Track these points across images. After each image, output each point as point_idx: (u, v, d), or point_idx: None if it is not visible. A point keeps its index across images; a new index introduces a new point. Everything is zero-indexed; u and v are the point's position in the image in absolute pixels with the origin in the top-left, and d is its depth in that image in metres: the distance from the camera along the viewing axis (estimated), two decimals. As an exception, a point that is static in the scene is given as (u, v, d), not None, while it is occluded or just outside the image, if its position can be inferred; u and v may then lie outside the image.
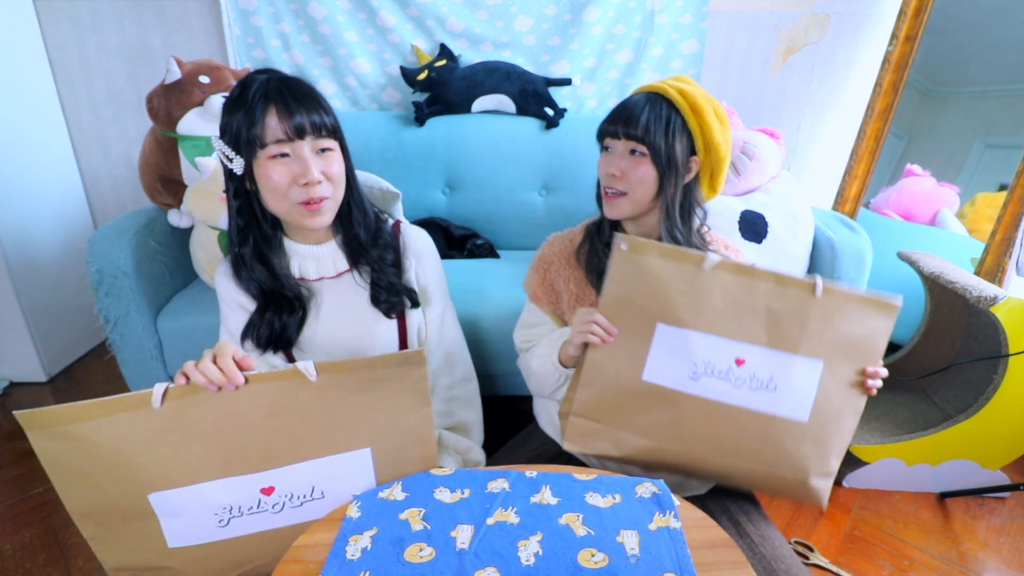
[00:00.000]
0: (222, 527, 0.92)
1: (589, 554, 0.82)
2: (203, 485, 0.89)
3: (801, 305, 0.99)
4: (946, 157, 2.42)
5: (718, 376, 1.01)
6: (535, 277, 1.30)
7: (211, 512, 0.91)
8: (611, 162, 1.15)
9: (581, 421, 1.08)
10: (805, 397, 1.02)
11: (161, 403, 0.85)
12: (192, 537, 0.92)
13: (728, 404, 1.02)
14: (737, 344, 1.00)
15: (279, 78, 1.03)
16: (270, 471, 0.91)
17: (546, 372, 1.22)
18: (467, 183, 2.33)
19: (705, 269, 0.99)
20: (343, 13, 2.35)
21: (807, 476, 1.05)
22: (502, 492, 0.94)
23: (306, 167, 1.01)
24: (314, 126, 1.01)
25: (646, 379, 1.03)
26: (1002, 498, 1.86)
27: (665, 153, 1.11)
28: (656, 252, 1.00)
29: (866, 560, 1.62)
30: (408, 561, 0.81)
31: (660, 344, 1.01)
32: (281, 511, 0.94)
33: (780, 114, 2.60)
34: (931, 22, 2.21)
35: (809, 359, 1.00)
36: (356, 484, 0.97)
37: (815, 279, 0.99)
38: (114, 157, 2.63)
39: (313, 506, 0.95)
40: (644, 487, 0.96)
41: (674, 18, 2.40)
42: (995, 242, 1.94)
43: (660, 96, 1.13)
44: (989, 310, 1.64)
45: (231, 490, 0.91)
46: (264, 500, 0.92)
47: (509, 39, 2.41)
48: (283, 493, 0.93)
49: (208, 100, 1.93)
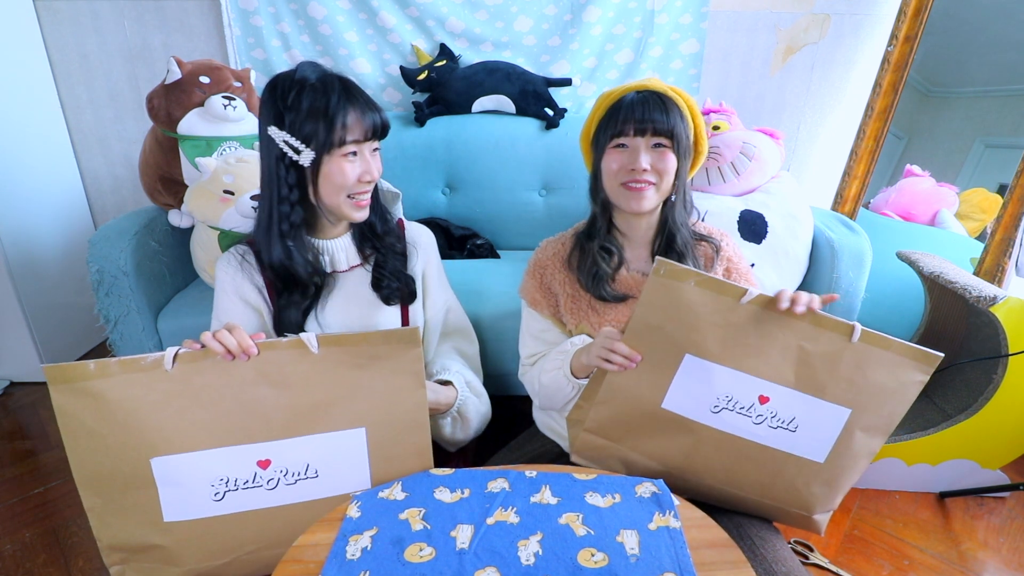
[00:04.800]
0: (217, 501, 0.94)
1: (589, 554, 0.82)
2: (204, 452, 0.92)
3: (835, 349, 0.95)
4: (946, 157, 2.42)
5: (738, 411, 0.99)
6: (531, 282, 1.31)
7: (208, 483, 0.93)
8: (635, 158, 1.14)
9: (592, 437, 1.07)
10: (825, 440, 1.00)
11: (172, 365, 0.89)
12: (188, 511, 0.94)
13: (745, 439, 1.00)
14: (763, 383, 0.98)
15: (342, 78, 1.09)
16: (268, 443, 0.94)
17: (558, 386, 1.21)
18: (467, 183, 2.33)
19: (742, 303, 0.95)
20: (343, 13, 2.35)
21: (811, 512, 1.06)
22: (502, 492, 0.95)
23: (369, 167, 1.11)
24: (382, 128, 1.10)
25: (665, 407, 1.01)
26: (1002, 498, 1.86)
27: (685, 142, 1.17)
28: (694, 280, 0.95)
29: (866, 560, 1.62)
30: (408, 561, 0.81)
31: (685, 374, 0.99)
32: (275, 488, 0.95)
33: (780, 114, 2.60)
34: (931, 22, 2.21)
35: (835, 406, 0.98)
36: (349, 466, 0.98)
37: (854, 324, 0.95)
38: (114, 157, 2.63)
39: (307, 486, 0.96)
40: (644, 487, 0.96)
41: (674, 18, 2.40)
42: (995, 242, 1.94)
43: (656, 94, 1.17)
44: (989, 310, 1.65)
45: (229, 460, 0.93)
46: (260, 474, 0.94)
47: (509, 39, 2.41)
48: (278, 468, 0.95)
49: (208, 100, 1.93)
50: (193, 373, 0.90)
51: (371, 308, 1.24)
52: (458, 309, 1.42)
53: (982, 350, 1.88)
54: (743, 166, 1.94)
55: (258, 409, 0.93)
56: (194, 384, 0.90)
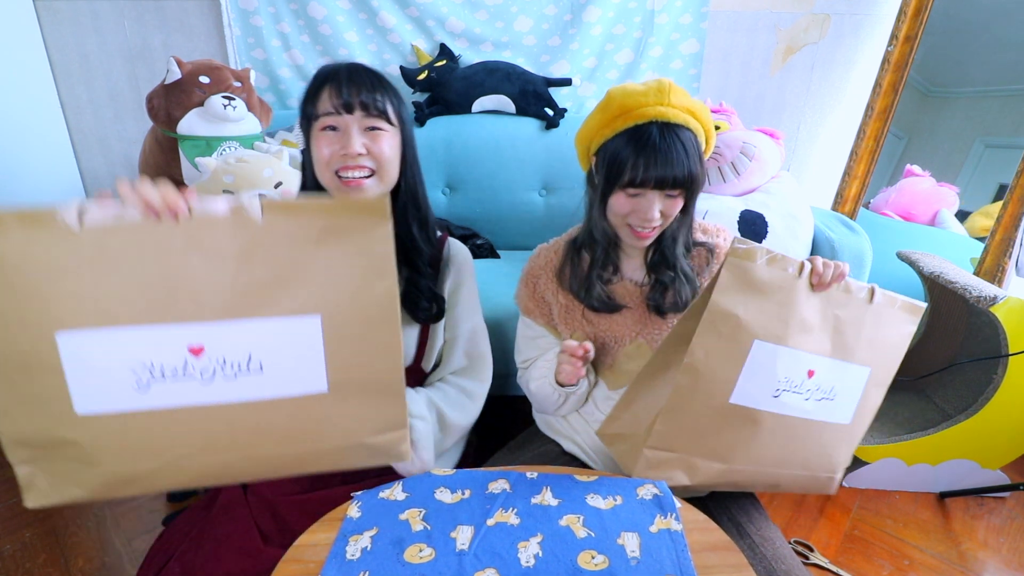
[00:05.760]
0: (141, 392, 0.80)
1: (589, 556, 0.82)
2: (121, 329, 0.77)
3: (860, 312, 0.98)
4: (946, 157, 2.43)
5: (794, 391, 0.97)
6: (525, 291, 1.30)
7: (128, 368, 0.79)
8: (650, 209, 1.08)
9: (655, 453, 1.00)
10: (852, 401, 1.02)
11: (80, 225, 0.73)
12: (104, 402, 0.80)
13: (800, 418, 0.99)
14: (811, 356, 0.97)
15: (349, 65, 1.08)
16: (200, 323, 0.79)
17: (545, 394, 1.22)
18: (467, 183, 2.33)
19: (803, 276, 0.93)
20: (343, 13, 2.35)
21: (836, 472, 1.07)
22: (502, 493, 0.95)
23: (348, 139, 1.05)
24: (363, 104, 1.05)
25: (734, 401, 0.96)
26: (1002, 498, 1.87)
27: (699, 182, 1.10)
28: (765, 259, 0.91)
29: (866, 560, 1.62)
30: (408, 562, 0.81)
31: (753, 363, 0.94)
32: (212, 380, 0.81)
33: (780, 114, 2.60)
34: (931, 22, 2.21)
35: (860, 367, 1.00)
36: (300, 362, 0.84)
37: (874, 286, 0.98)
38: (114, 157, 2.63)
39: (249, 382, 0.83)
40: (645, 489, 0.96)
41: (674, 18, 2.40)
42: (995, 242, 1.95)
43: (679, 132, 1.07)
44: (989, 310, 1.65)
45: (153, 342, 0.79)
46: (192, 362, 0.80)
47: (509, 39, 2.41)
48: (214, 357, 0.81)
49: (208, 100, 1.93)
50: (107, 234, 0.74)
51: None
52: (477, 339, 1.30)
53: (982, 350, 1.88)
54: (743, 166, 1.94)
55: (188, 283, 0.77)
56: (109, 248, 0.74)
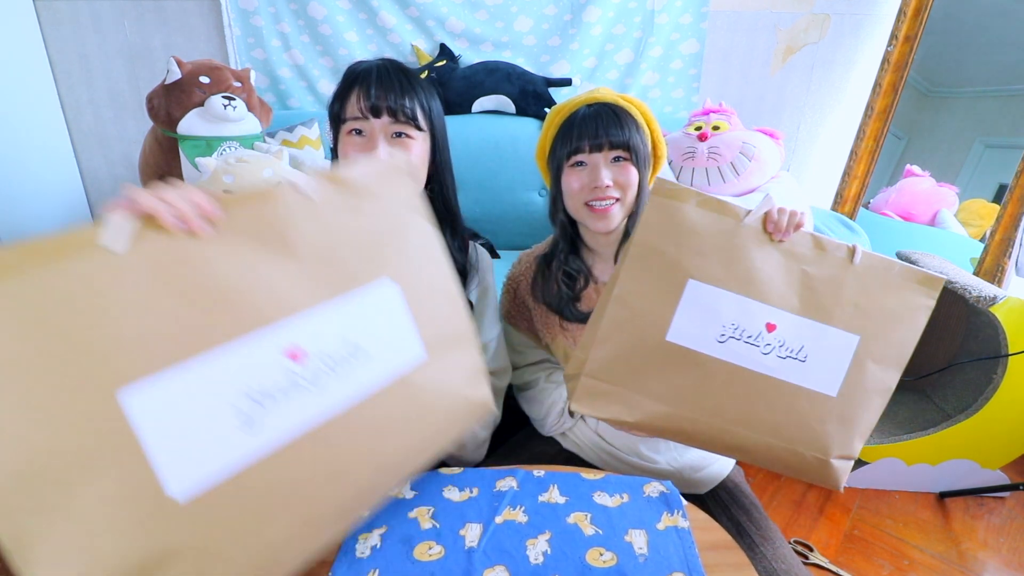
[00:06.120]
0: (249, 430, 0.61)
1: (597, 553, 0.82)
2: (203, 357, 0.59)
3: (837, 272, 0.93)
4: (945, 157, 2.44)
5: (747, 341, 0.93)
6: (506, 297, 1.30)
7: (226, 404, 0.60)
8: (596, 175, 1.11)
9: (593, 382, 0.98)
10: (836, 371, 0.95)
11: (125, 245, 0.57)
12: (207, 467, 0.58)
13: (754, 371, 0.94)
14: (769, 308, 0.93)
15: (380, 65, 1.07)
16: (285, 320, 0.65)
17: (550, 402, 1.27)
18: (467, 183, 2.32)
19: (745, 224, 0.92)
20: (343, 13, 2.35)
21: (828, 455, 0.99)
22: (510, 491, 0.94)
23: (373, 144, 1.05)
24: (391, 109, 1.04)
25: (670, 339, 0.93)
26: (1001, 498, 1.87)
27: (643, 152, 1.13)
28: (695, 200, 0.91)
29: (865, 560, 1.63)
30: (417, 559, 0.81)
31: (689, 302, 0.92)
32: (325, 383, 0.68)
33: (780, 114, 2.60)
34: (931, 22, 2.22)
35: (843, 332, 0.94)
36: (394, 331, 0.77)
37: (855, 246, 0.93)
38: (114, 157, 2.63)
39: (360, 371, 0.71)
40: (652, 487, 0.97)
41: (674, 18, 2.41)
42: (994, 242, 1.95)
43: (607, 105, 1.14)
44: (989, 310, 1.65)
45: (246, 360, 0.62)
46: (294, 370, 0.65)
47: (509, 39, 2.42)
48: (316, 354, 0.68)
49: (208, 100, 1.93)
50: (155, 251, 0.58)
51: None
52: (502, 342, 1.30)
53: (982, 350, 1.89)
54: (743, 166, 1.94)
55: (257, 283, 0.64)
56: (161, 267, 0.58)
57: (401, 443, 0.78)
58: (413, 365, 0.78)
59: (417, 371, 0.79)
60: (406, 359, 0.78)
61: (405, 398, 0.77)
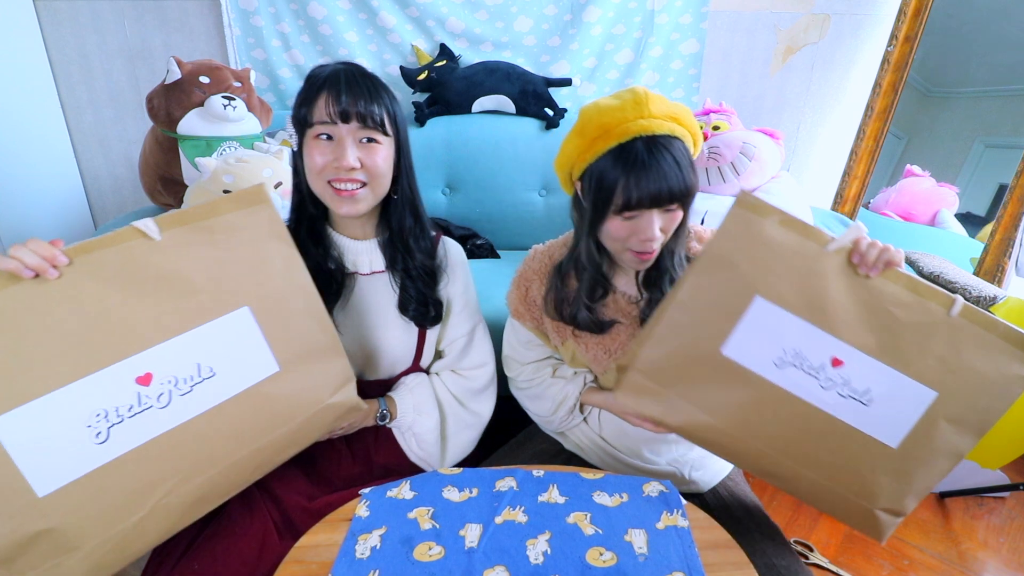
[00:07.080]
0: (102, 443, 0.76)
1: (597, 553, 0.83)
2: (60, 391, 0.73)
3: (928, 320, 0.86)
4: (945, 157, 2.43)
5: (806, 371, 0.89)
6: (516, 293, 1.26)
7: (82, 426, 0.75)
8: (648, 228, 1.00)
9: (641, 379, 0.96)
10: (901, 423, 0.89)
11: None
12: (66, 472, 0.75)
13: (808, 403, 0.90)
14: (838, 343, 0.88)
15: (347, 70, 1.06)
16: (139, 354, 0.78)
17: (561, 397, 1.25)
18: (467, 183, 2.33)
19: (828, 250, 0.86)
20: (343, 13, 2.35)
21: (874, 504, 0.94)
22: (510, 491, 0.95)
23: (342, 151, 1.04)
24: (360, 115, 1.03)
25: (725, 353, 0.91)
26: (1002, 498, 1.87)
27: (694, 192, 1.02)
28: (777, 218, 0.86)
29: (865, 560, 1.63)
30: (417, 560, 0.81)
31: (752, 320, 0.89)
32: (169, 404, 0.80)
33: (780, 114, 2.60)
34: (931, 22, 2.22)
35: (920, 384, 0.88)
36: (247, 353, 0.87)
37: (956, 297, 0.86)
38: (114, 157, 2.63)
39: (205, 389, 0.83)
40: (651, 486, 0.97)
41: (674, 18, 2.40)
42: (994, 242, 1.95)
43: (668, 146, 0.98)
44: (989, 310, 1.65)
45: (98, 388, 0.75)
46: (144, 393, 0.78)
47: (509, 39, 2.41)
48: (164, 379, 0.79)
49: (208, 100, 1.93)
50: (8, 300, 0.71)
51: (388, 319, 1.20)
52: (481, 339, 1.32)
53: (982, 349, 1.89)
54: (743, 166, 1.94)
55: (113, 321, 0.75)
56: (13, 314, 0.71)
57: (255, 440, 0.90)
58: (263, 377, 0.88)
59: (270, 382, 0.89)
60: (257, 373, 0.88)
61: (255, 406, 0.88)
